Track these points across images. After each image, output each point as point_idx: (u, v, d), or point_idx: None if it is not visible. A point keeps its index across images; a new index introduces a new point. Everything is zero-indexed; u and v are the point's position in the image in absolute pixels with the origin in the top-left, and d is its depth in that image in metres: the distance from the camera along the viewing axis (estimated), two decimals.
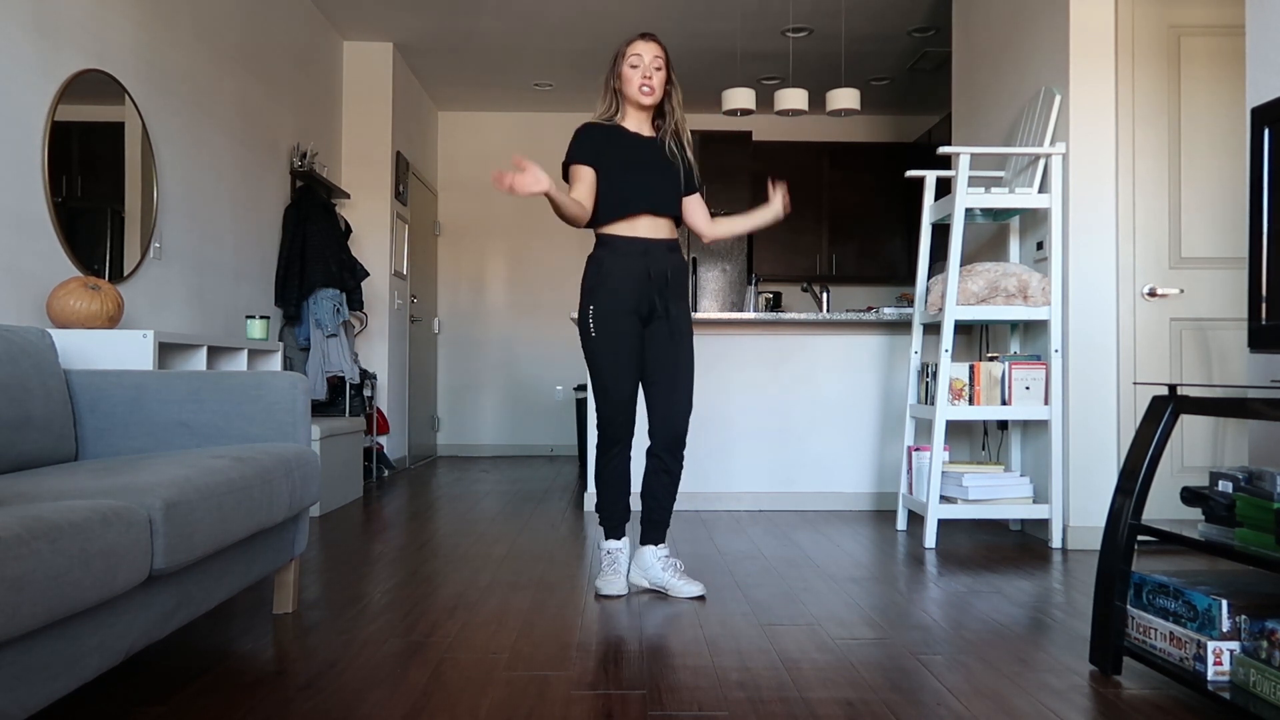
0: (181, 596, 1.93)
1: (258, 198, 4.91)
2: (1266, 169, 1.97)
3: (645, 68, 2.85)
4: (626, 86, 2.87)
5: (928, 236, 4.19)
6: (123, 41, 3.62)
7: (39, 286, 3.13)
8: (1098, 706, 1.94)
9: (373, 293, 6.19)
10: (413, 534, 3.94)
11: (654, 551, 2.93)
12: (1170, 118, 3.73)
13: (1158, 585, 2.02)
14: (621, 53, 2.88)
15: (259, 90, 4.91)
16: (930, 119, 7.83)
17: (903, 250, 7.66)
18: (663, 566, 2.90)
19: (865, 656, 2.26)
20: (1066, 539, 3.72)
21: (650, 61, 2.85)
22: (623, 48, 2.89)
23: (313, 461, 2.54)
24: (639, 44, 2.87)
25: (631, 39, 2.89)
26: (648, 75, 2.85)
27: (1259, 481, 1.84)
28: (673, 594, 2.87)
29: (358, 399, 5.66)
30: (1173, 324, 3.71)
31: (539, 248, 7.95)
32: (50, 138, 3.18)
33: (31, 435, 2.31)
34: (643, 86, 2.84)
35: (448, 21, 6.01)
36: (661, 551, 2.94)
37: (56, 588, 1.40)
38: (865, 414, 4.70)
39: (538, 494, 5.27)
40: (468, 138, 7.95)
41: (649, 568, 2.93)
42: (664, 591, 2.89)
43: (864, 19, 5.93)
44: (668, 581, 2.89)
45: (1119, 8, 3.73)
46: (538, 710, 1.89)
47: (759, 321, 4.59)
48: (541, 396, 7.93)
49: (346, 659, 2.23)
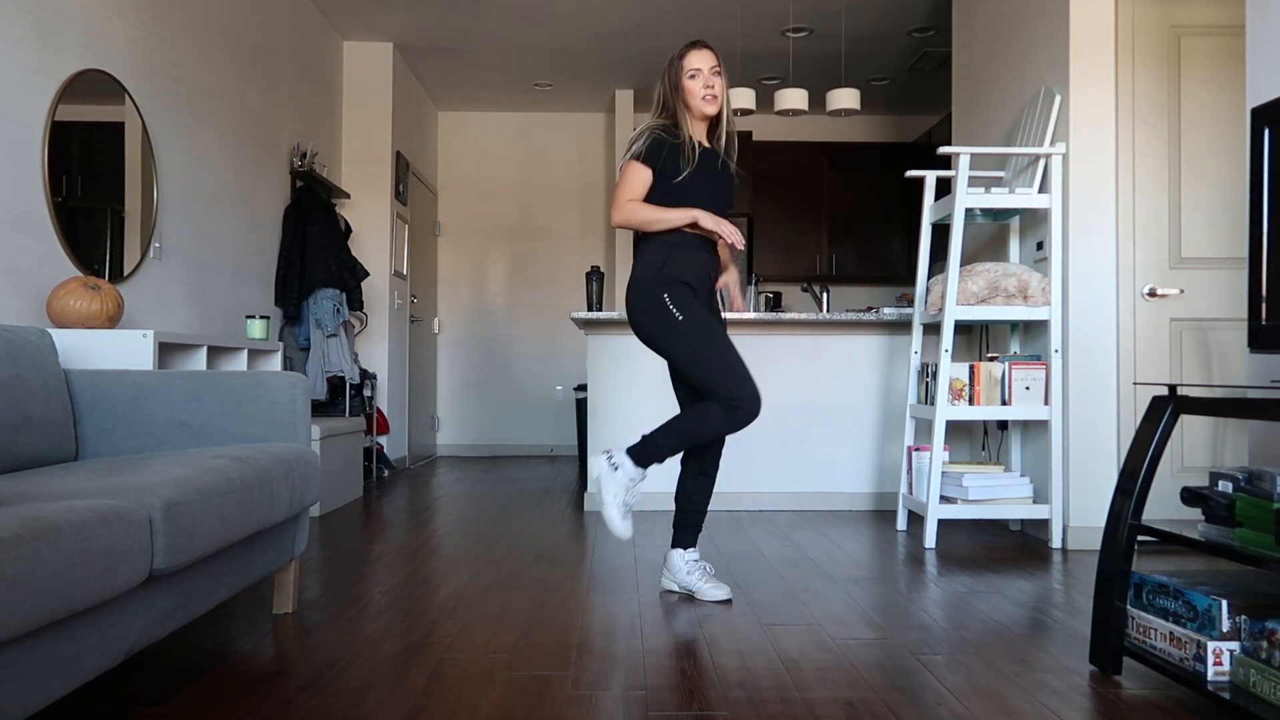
0: (181, 596, 1.93)
1: (258, 198, 4.91)
2: (1266, 169, 1.97)
3: (705, 77, 2.82)
4: (690, 99, 2.82)
5: (928, 236, 4.19)
6: (123, 41, 3.62)
7: (39, 286, 3.13)
8: (1098, 706, 1.94)
9: (373, 293, 6.19)
10: (413, 534, 3.94)
11: (683, 555, 2.90)
12: (1170, 118, 3.73)
13: (1158, 585, 2.02)
14: (678, 66, 2.83)
15: (259, 90, 4.91)
16: (930, 119, 7.83)
17: (903, 250, 7.65)
18: (689, 570, 2.87)
19: (865, 656, 2.26)
20: (1066, 539, 3.72)
21: (710, 71, 2.83)
22: (677, 61, 2.83)
23: (313, 461, 2.54)
24: (694, 55, 2.83)
25: (684, 51, 2.84)
26: (710, 84, 2.82)
27: (1259, 481, 1.84)
28: (700, 598, 2.85)
29: (358, 399, 5.66)
30: (1173, 324, 3.71)
31: (539, 248, 7.95)
32: (50, 137, 3.18)
33: (31, 435, 2.31)
34: (705, 96, 2.82)
35: (448, 21, 6.01)
36: (692, 555, 2.90)
37: (56, 588, 1.40)
38: (865, 414, 4.70)
39: (538, 494, 5.27)
40: (468, 138, 7.95)
41: (677, 571, 2.89)
42: (692, 595, 2.87)
43: (864, 19, 5.93)
44: (695, 585, 2.86)
45: (1119, 8, 3.73)
46: (538, 710, 1.89)
47: (759, 321, 4.59)
48: (541, 396, 7.93)
49: (346, 659, 2.23)
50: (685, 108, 2.84)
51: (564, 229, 7.95)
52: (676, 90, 2.84)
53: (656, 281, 2.76)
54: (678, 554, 2.91)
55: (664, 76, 2.87)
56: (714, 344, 2.73)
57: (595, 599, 2.82)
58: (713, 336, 2.73)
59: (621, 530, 2.77)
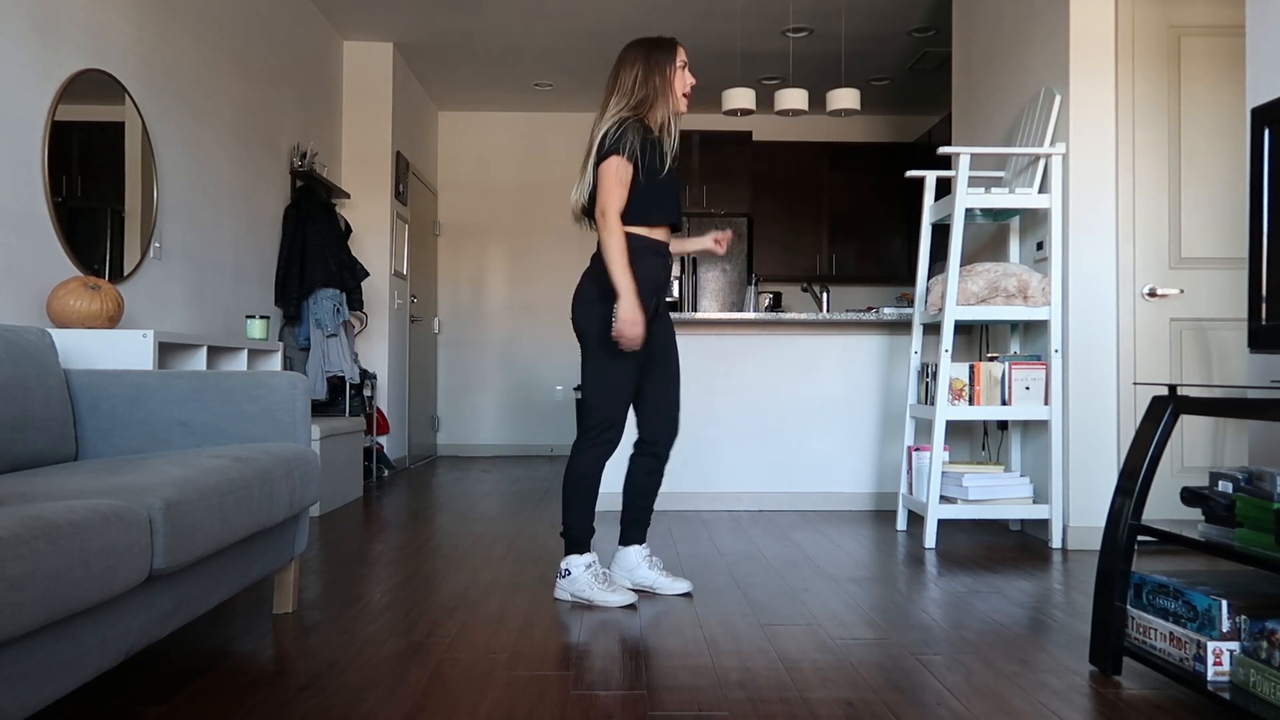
0: (181, 596, 1.93)
1: (258, 198, 4.91)
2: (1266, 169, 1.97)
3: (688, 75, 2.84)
4: (672, 89, 2.79)
5: (928, 237, 4.19)
6: (123, 41, 3.62)
7: (39, 286, 3.13)
8: (1098, 706, 1.94)
9: (373, 293, 6.19)
10: (413, 534, 3.94)
11: (638, 551, 2.91)
12: (1170, 118, 3.73)
13: (1158, 585, 2.02)
14: (668, 56, 2.80)
15: (259, 90, 4.91)
16: (930, 119, 7.83)
17: (903, 250, 7.66)
18: (649, 565, 2.89)
19: (865, 656, 2.26)
20: (1066, 539, 3.72)
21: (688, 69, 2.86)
22: (667, 51, 2.80)
23: (313, 461, 2.54)
24: (680, 50, 2.84)
25: (672, 42, 2.82)
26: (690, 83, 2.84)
27: (1259, 481, 1.84)
28: (661, 592, 2.86)
29: (358, 399, 5.66)
30: (1173, 324, 3.71)
31: (539, 248, 7.95)
32: (50, 137, 3.18)
33: (31, 435, 2.31)
34: (685, 95, 2.83)
35: (448, 21, 6.01)
36: (645, 551, 2.92)
37: (56, 587, 1.40)
38: (865, 414, 4.70)
39: (538, 494, 5.27)
40: (468, 138, 7.95)
41: (634, 568, 2.90)
42: (651, 591, 2.88)
43: (864, 19, 5.93)
44: (655, 580, 2.87)
45: (1119, 8, 3.73)
46: (538, 710, 1.89)
47: (759, 322, 4.59)
48: (541, 396, 7.93)
49: (346, 659, 2.23)
50: (668, 99, 2.80)
51: (564, 229, 7.94)
52: (663, 79, 2.78)
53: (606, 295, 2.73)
54: (634, 550, 2.91)
55: (643, 63, 2.78)
56: (627, 367, 2.75)
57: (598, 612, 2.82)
58: (632, 360, 2.75)
59: (624, 598, 2.78)
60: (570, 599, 2.80)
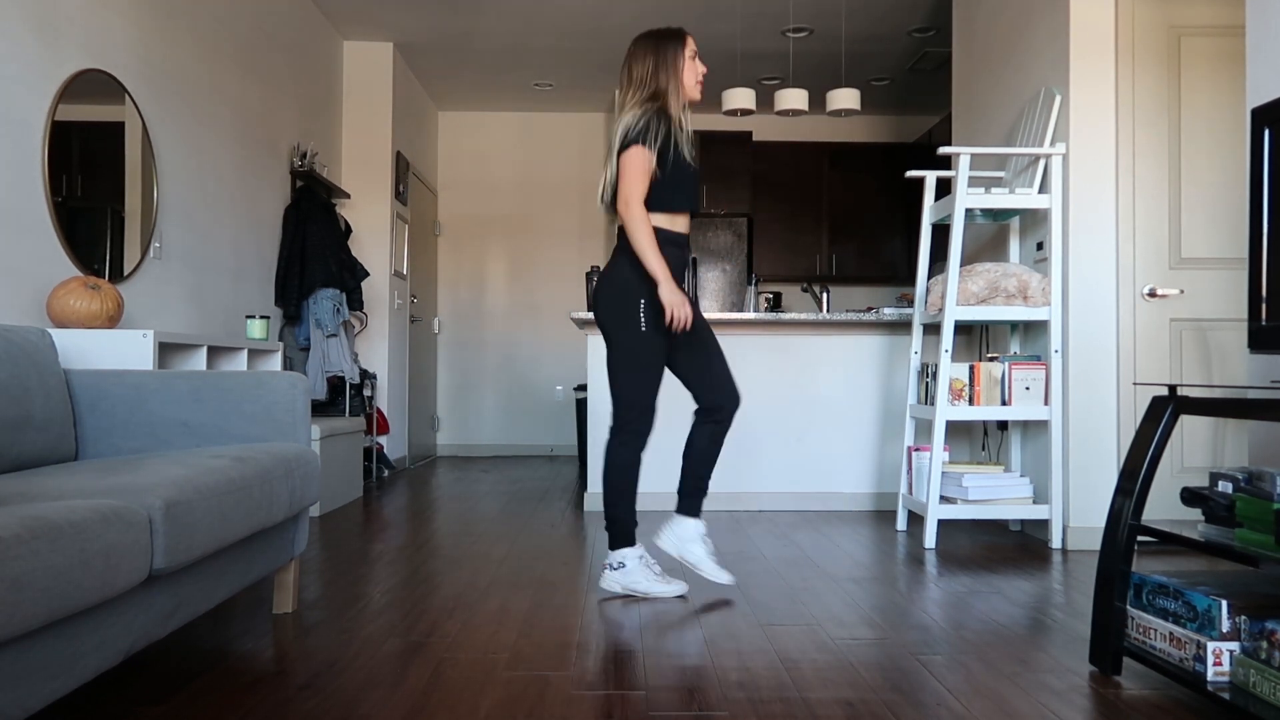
0: (181, 596, 1.93)
1: (258, 197, 4.91)
2: (1266, 169, 1.97)
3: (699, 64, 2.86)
4: (687, 77, 2.83)
5: (928, 237, 4.19)
6: (123, 41, 3.62)
7: (39, 286, 3.13)
8: (1098, 707, 1.94)
9: (373, 293, 6.19)
10: (413, 534, 3.94)
11: (697, 526, 2.90)
12: (1170, 118, 3.73)
13: (1158, 585, 2.02)
14: (678, 46, 2.82)
15: (259, 90, 4.91)
16: (930, 119, 7.83)
17: (903, 250, 7.66)
18: (703, 544, 2.89)
19: (865, 656, 2.26)
20: (1066, 539, 3.72)
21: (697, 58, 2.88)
22: (677, 42, 2.82)
23: (313, 461, 2.54)
24: (690, 40, 2.85)
25: (681, 32, 2.84)
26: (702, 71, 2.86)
27: (1259, 482, 1.84)
28: (706, 576, 2.87)
29: (358, 399, 5.66)
30: (1173, 324, 3.71)
31: (539, 248, 7.95)
32: (50, 137, 3.18)
33: (31, 435, 2.31)
34: (698, 83, 2.85)
35: (448, 21, 6.01)
36: (703, 529, 2.92)
37: (56, 587, 1.40)
38: (865, 414, 4.70)
39: (538, 494, 5.27)
40: (468, 138, 7.95)
41: (690, 541, 2.89)
42: (693, 569, 2.89)
43: (864, 19, 5.93)
44: (703, 562, 2.87)
45: (1119, 8, 3.73)
46: (538, 710, 1.89)
47: (759, 322, 4.59)
48: (541, 396, 7.93)
49: (346, 659, 2.23)
50: (679, 90, 2.82)
51: (564, 229, 7.95)
52: (674, 70, 2.81)
53: (641, 284, 2.76)
54: (694, 523, 2.91)
55: (654, 55, 2.81)
56: (649, 370, 2.77)
57: (595, 599, 2.82)
58: (652, 364, 2.77)
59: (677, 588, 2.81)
60: (621, 590, 2.82)
